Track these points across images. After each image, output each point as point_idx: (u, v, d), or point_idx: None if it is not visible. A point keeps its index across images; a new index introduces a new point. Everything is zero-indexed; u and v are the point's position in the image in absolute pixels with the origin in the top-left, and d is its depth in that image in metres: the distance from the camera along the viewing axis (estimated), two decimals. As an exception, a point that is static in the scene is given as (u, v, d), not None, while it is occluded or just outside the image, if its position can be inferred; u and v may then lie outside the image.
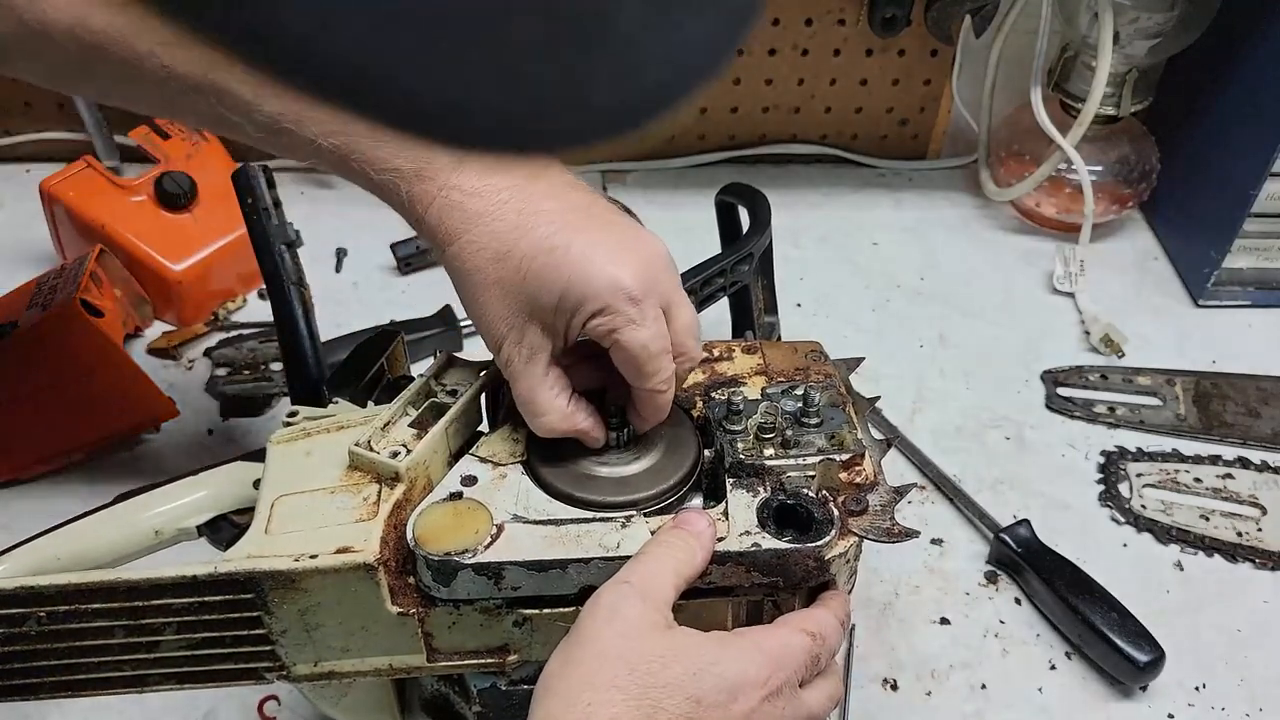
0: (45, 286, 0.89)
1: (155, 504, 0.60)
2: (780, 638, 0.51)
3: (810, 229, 1.16)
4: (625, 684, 0.46)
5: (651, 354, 0.52)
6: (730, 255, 0.76)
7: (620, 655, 0.46)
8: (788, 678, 0.49)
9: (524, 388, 0.54)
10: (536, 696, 0.47)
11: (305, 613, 0.52)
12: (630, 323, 0.51)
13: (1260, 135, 0.97)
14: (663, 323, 0.53)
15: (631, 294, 0.51)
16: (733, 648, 0.49)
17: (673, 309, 0.54)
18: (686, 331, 0.55)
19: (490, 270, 0.53)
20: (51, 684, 0.54)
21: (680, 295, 0.55)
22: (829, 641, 0.52)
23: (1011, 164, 1.15)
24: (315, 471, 0.56)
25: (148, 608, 0.51)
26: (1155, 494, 0.88)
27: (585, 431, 0.56)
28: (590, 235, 0.52)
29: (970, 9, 1.07)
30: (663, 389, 0.54)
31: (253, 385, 0.96)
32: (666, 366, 0.54)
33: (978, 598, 0.80)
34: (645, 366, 0.53)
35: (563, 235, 0.52)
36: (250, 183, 0.76)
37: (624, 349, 0.52)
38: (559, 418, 0.55)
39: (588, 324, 0.52)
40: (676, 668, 0.47)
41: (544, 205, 0.53)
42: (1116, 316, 1.04)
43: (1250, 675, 0.76)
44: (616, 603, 0.48)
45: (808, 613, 0.54)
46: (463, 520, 0.52)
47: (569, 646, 0.48)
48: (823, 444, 0.56)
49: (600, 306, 0.51)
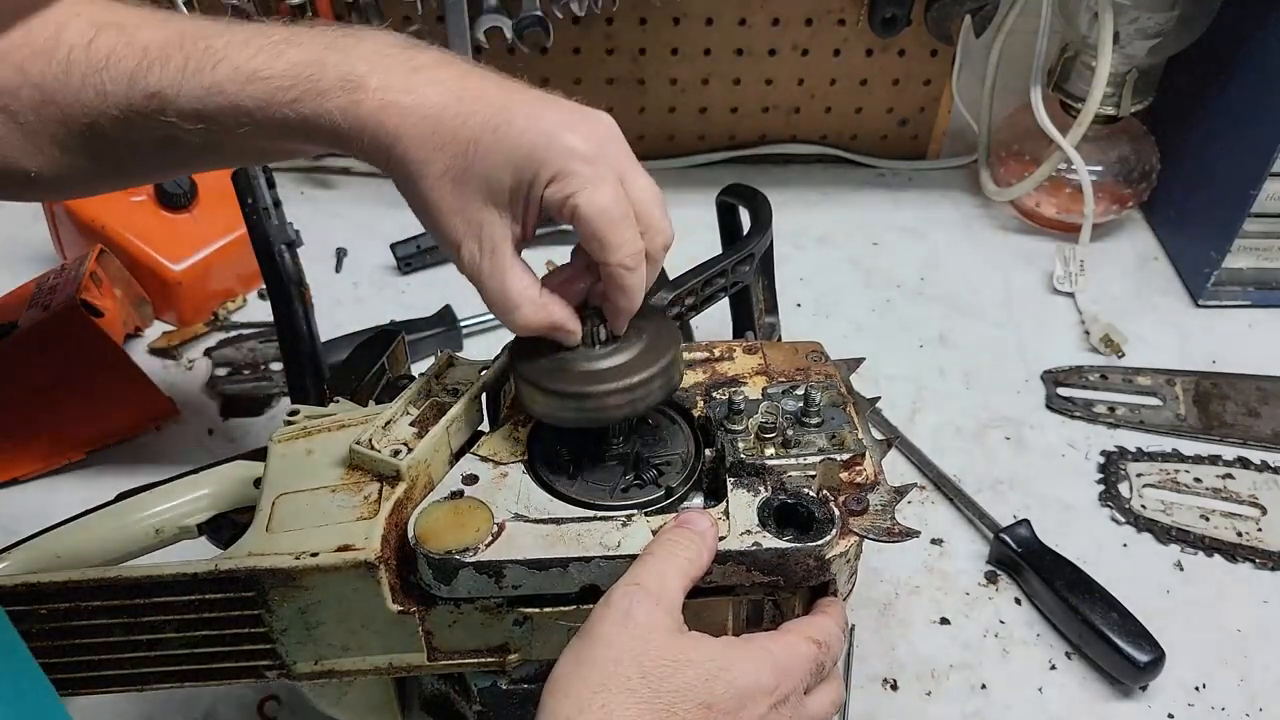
0: (45, 286, 0.89)
1: (156, 502, 0.60)
2: (789, 645, 0.51)
3: (810, 229, 1.16)
4: (638, 687, 0.46)
5: (613, 219, 0.51)
6: (731, 256, 0.76)
7: (634, 658, 0.46)
8: (795, 685, 0.50)
9: (493, 283, 0.53)
10: (546, 695, 0.47)
11: (306, 611, 0.52)
12: (587, 184, 0.50)
13: (1260, 135, 0.97)
14: (621, 189, 0.52)
15: (584, 154, 0.50)
16: (744, 654, 0.49)
17: (628, 178, 0.53)
18: (650, 201, 0.53)
19: (438, 160, 0.51)
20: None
21: (634, 165, 0.54)
22: (832, 649, 0.53)
23: (1011, 164, 1.15)
24: (316, 470, 0.56)
25: (148, 605, 0.51)
26: (1155, 494, 0.88)
27: (561, 324, 0.54)
28: (534, 108, 0.51)
29: (970, 9, 1.07)
30: (630, 264, 0.52)
31: (253, 385, 0.96)
32: (632, 238, 0.52)
33: (978, 598, 0.80)
34: (608, 235, 0.51)
35: (506, 113, 0.51)
36: (250, 183, 0.76)
37: (584, 217, 0.51)
38: (533, 309, 0.53)
39: (545, 192, 0.51)
40: (689, 672, 0.47)
41: (483, 90, 0.52)
42: (1116, 316, 1.04)
43: (1250, 675, 0.76)
44: (629, 606, 0.48)
45: (813, 620, 0.54)
46: (464, 519, 0.52)
47: (581, 647, 0.48)
48: (823, 444, 0.56)
49: (555, 171, 0.50)
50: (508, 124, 0.51)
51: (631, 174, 0.53)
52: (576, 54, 1.14)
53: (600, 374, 0.54)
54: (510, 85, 0.53)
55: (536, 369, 0.55)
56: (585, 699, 0.46)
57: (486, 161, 0.51)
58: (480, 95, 0.52)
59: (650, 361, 0.55)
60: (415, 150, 0.51)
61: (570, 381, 0.54)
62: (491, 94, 0.52)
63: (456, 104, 0.51)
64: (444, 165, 0.51)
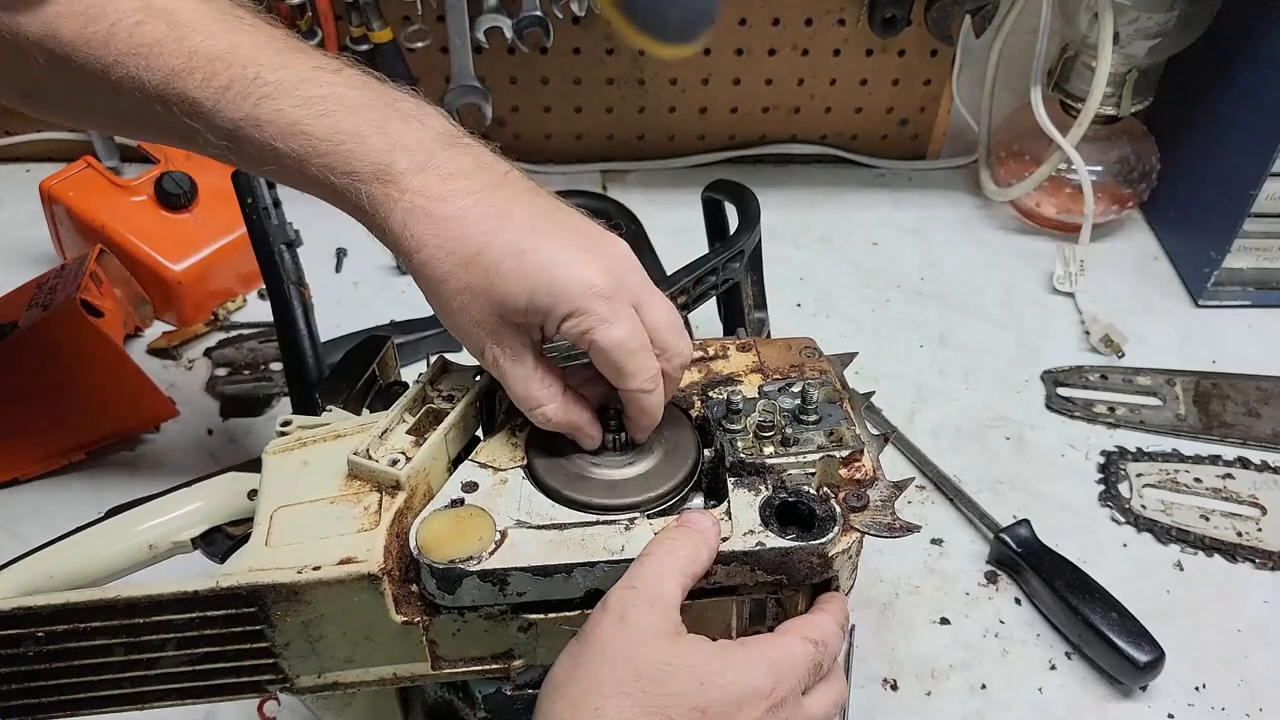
0: (45, 286, 0.89)
1: (148, 517, 0.59)
2: (784, 647, 0.51)
3: (810, 229, 1.16)
4: (632, 690, 0.46)
5: (629, 351, 0.52)
6: (721, 253, 0.76)
7: (628, 662, 0.46)
8: (792, 687, 0.50)
9: (517, 385, 0.54)
10: (543, 697, 0.48)
11: (309, 625, 0.51)
12: (603, 321, 0.51)
13: (1260, 135, 0.97)
14: (637, 320, 0.53)
15: (602, 292, 0.51)
16: (738, 658, 0.49)
17: (645, 306, 0.53)
18: (666, 327, 0.54)
19: (460, 275, 0.52)
20: (50, 704, 0.53)
21: (651, 292, 0.54)
22: (830, 647, 0.52)
23: (1011, 164, 1.15)
24: (314, 481, 0.55)
25: (147, 625, 0.51)
26: (1155, 494, 0.88)
27: (581, 427, 0.56)
28: (556, 238, 0.52)
29: (970, 9, 1.07)
30: (648, 388, 0.53)
31: (253, 385, 0.96)
32: (648, 365, 0.53)
33: (978, 598, 0.80)
34: (624, 365, 0.52)
35: (530, 239, 0.51)
36: (250, 183, 0.76)
37: (601, 349, 0.52)
38: (556, 407, 0.54)
39: (561, 327, 0.52)
40: (683, 677, 0.47)
41: (510, 209, 0.52)
42: (1116, 316, 1.04)
43: (1250, 675, 0.76)
44: (624, 609, 0.48)
45: (809, 619, 0.53)
46: (465, 527, 0.52)
47: (577, 651, 0.48)
48: (822, 440, 0.56)
49: (571, 309, 0.51)
50: (532, 251, 0.51)
51: (648, 301, 0.54)
52: (576, 54, 1.14)
53: (621, 485, 0.55)
54: (538, 204, 0.54)
55: (555, 471, 0.55)
56: (580, 701, 0.46)
57: (507, 285, 0.51)
58: (508, 213, 0.52)
59: (672, 472, 0.56)
60: (438, 264, 0.52)
61: (593, 493, 0.55)
62: (519, 213, 0.52)
63: (484, 220, 0.52)
64: (465, 281, 0.52)
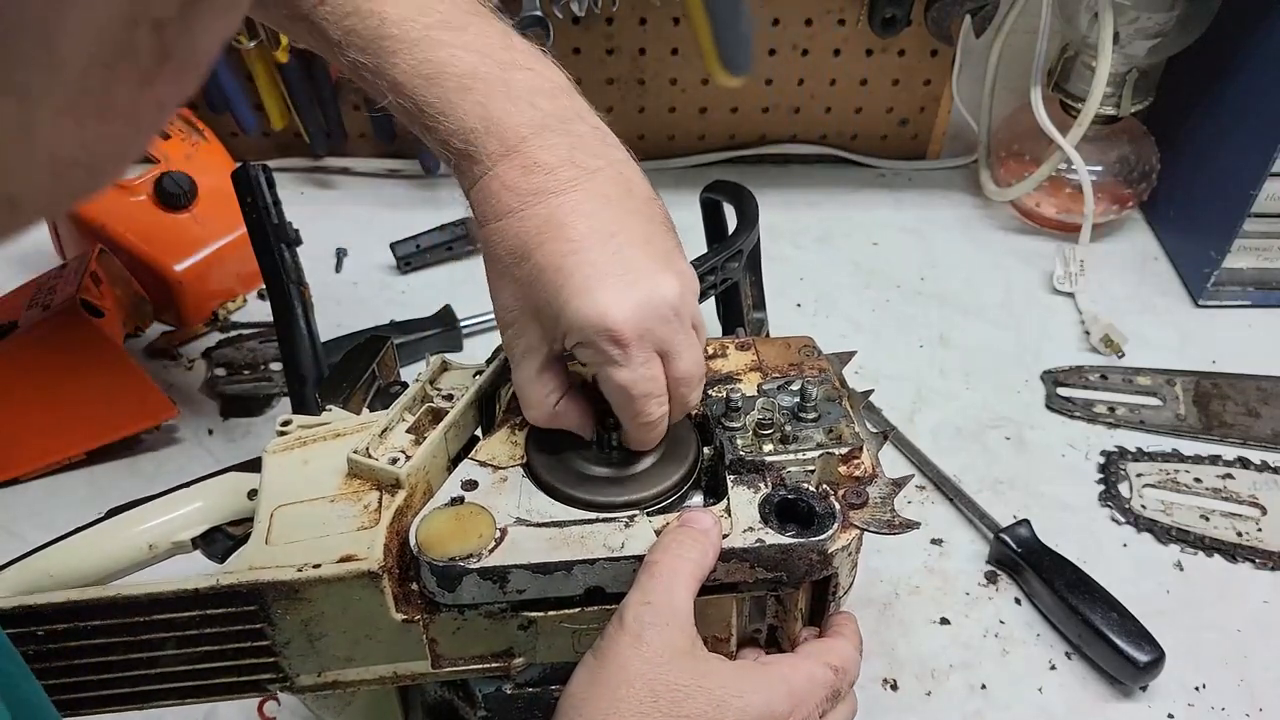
0: (45, 286, 0.89)
1: (148, 517, 0.59)
2: (805, 671, 0.51)
3: (810, 229, 1.16)
4: (650, 711, 0.46)
5: (632, 396, 0.52)
6: (721, 253, 0.76)
7: (646, 683, 0.47)
8: (809, 713, 0.50)
9: (519, 378, 0.55)
10: (559, 714, 0.48)
11: (309, 623, 0.52)
12: (611, 362, 0.51)
13: (1260, 135, 0.97)
14: (654, 366, 0.52)
15: (616, 335, 0.50)
16: (758, 680, 0.49)
17: (672, 356, 0.53)
18: (685, 381, 0.54)
19: (509, 264, 0.52)
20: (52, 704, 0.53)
21: (684, 341, 0.53)
22: (850, 674, 0.53)
23: (1011, 164, 1.15)
24: (314, 480, 0.55)
25: (147, 623, 0.51)
26: (1155, 494, 0.88)
27: (573, 428, 0.56)
28: (600, 267, 0.50)
29: (970, 9, 1.07)
30: (645, 428, 0.54)
31: (253, 385, 0.96)
32: (649, 410, 0.53)
33: (978, 598, 0.80)
34: (625, 406, 0.53)
35: (575, 258, 0.50)
36: (250, 182, 0.76)
37: (604, 384, 0.53)
38: (544, 414, 0.55)
39: (574, 351, 0.52)
40: (701, 699, 0.47)
41: (571, 219, 0.51)
42: (1116, 316, 1.04)
43: (1250, 675, 0.75)
44: (641, 628, 0.48)
45: (830, 644, 0.54)
46: (465, 525, 0.52)
47: (595, 667, 0.48)
48: (821, 438, 0.56)
49: (581, 339, 0.51)
50: (571, 272, 0.50)
51: (677, 351, 0.53)
52: (576, 54, 1.14)
53: (621, 483, 0.55)
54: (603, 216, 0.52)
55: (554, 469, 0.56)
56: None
57: (543, 294, 0.51)
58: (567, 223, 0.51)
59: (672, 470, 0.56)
60: (494, 245, 0.53)
61: (592, 490, 0.55)
62: (578, 226, 0.51)
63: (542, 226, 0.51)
64: (511, 272, 0.53)
